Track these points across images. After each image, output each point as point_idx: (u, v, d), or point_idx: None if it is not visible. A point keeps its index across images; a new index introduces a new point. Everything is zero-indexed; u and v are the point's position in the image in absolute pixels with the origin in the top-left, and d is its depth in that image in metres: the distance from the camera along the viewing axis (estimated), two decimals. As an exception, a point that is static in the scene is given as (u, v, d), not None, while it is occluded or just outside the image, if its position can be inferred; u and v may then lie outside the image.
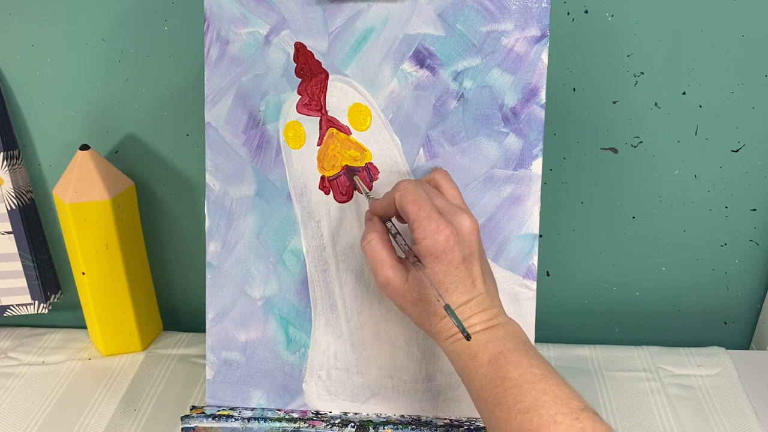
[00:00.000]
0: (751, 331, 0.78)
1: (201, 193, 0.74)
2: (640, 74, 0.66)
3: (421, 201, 0.49)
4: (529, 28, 0.55)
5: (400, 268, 0.51)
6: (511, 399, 0.44)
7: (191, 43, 0.67)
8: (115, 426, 0.66)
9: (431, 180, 0.55)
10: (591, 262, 0.75)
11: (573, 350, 0.74)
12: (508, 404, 0.44)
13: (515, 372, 0.45)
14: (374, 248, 0.51)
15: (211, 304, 0.61)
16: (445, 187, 0.54)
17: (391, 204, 0.52)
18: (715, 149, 0.69)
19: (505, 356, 0.46)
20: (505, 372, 0.46)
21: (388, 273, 0.51)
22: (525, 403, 0.43)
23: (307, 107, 0.58)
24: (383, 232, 0.52)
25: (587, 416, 0.42)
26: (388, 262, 0.51)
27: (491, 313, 0.49)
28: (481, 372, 0.47)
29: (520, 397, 0.44)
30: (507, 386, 0.45)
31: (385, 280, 0.51)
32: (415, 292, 0.50)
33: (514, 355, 0.46)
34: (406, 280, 0.51)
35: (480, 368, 0.47)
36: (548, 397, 0.43)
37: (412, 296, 0.50)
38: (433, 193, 0.52)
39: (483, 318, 0.49)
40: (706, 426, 0.64)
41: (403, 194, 0.50)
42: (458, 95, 0.57)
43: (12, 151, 0.72)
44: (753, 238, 0.73)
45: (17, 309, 0.78)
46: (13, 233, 0.74)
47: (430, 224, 0.48)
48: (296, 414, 0.61)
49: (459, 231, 0.49)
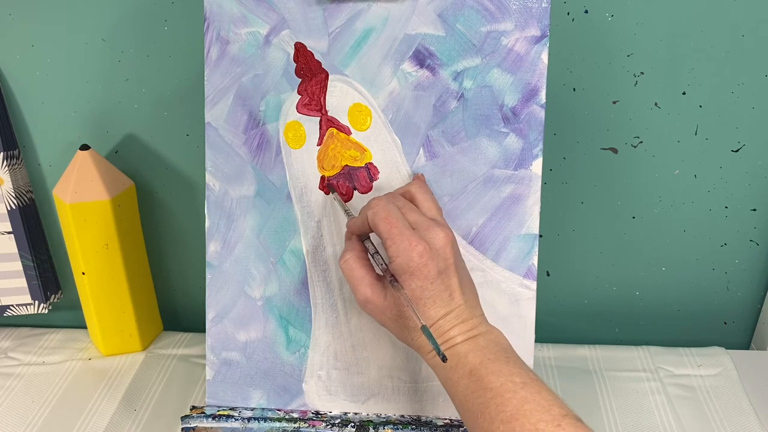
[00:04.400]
0: (751, 331, 0.78)
1: (201, 193, 0.74)
2: (640, 74, 0.66)
3: (392, 218, 0.49)
4: (529, 28, 0.55)
5: (378, 285, 0.51)
6: (493, 409, 0.44)
7: (191, 43, 0.67)
8: (115, 426, 0.66)
9: (406, 192, 0.54)
10: (591, 262, 0.75)
11: (573, 350, 0.74)
12: (490, 414, 0.44)
13: (496, 381, 0.45)
14: (352, 267, 0.52)
15: (211, 304, 0.61)
16: (419, 199, 0.54)
17: (365, 222, 0.52)
18: (715, 149, 0.69)
19: (486, 366, 0.46)
20: (486, 382, 0.46)
21: (366, 291, 0.51)
22: (507, 413, 0.43)
23: (307, 107, 0.58)
24: (361, 251, 0.53)
25: (569, 422, 0.42)
26: (366, 280, 0.51)
27: (471, 323, 0.49)
28: (463, 384, 0.47)
29: (502, 407, 0.44)
30: (488, 396, 0.45)
31: (364, 299, 0.51)
32: (395, 309, 0.50)
33: (494, 365, 0.46)
34: (385, 296, 0.51)
35: (462, 380, 0.47)
36: (530, 405, 0.43)
37: (392, 313, 0.51)
38: (406, 208, 0.52)
39: (463, 329, 0.49)
40: (706, 426, 0.64)
41: (375, 212, 0.50)
42: (458, 95, 0.57)
43: (12, 151, 0.72)
44: (753, 238, 0.73)
45: (17, 309, 0.78)
46: (13, 233, 0.74)
47: (402, 241, 0.48)
48: (296, 414, 0.61)
49: (432, 245, 0.49)
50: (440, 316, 0.49)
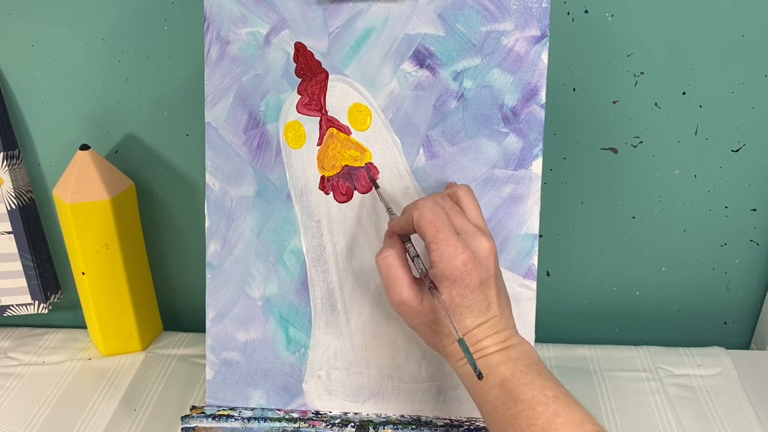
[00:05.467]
0: (751, 331, 0.78)
1: (201, 193, 0.74)
2: (640, 74, 0.66)
3: (438, 222, 0.48)
4: (529, 28, 0.55)
5: (415, 288, 0.50)
6: (524, 421, 0.44)
7: (191, 43, 0.67)
8: (115, 426, 0.66)
9: (453, 195, 0.53)
10: (591, 262, 0.75)
11: (573, 350, 0.74)
12: (521, 426, 0.44)
13: (528, 394, 0.45)
14: (390, 265, 0.50)
15: (211, 304, 0.61)
16: (465, 203, 0.52)
17: (409, 222, 0.50)
18: (715, 149, 0.69)
19: (518, 378, 0.46)
20: (517, 394, 0.45)
21: (403, 292, 0.50)
22: (538, 426, 0.43)
23: (307, 107, 0.58)
24: (401, 251, 0.51)
25: None
26: (404, 281, 0.50)
27: (505, 335, 0.49)
28: (494, 394, 0.46)
29: (533, 420, 0.44)
30: (520, 408, 0.45)
31: (399, 300, 0.50)
32: (430, 314, 0.49)
33: (527, 377, 0.46)
34: (421, 300, 0.50)
35: (492, 390, 0.47)
36: (561, 419, 0.43)
37: (426, 318, 0.50)
38: (453, 211, 0.50)
39: (496, 340, 0.48)
40: (706, 426, 0.64)
41: (421, 213, 0.49)
42: (458, 95, 0.57)
43: (12, 151, 0.72)
44: (753, 238, 0.73)
45: (17, 309, 0.78)
46: (13, 233, 0.74)
47: (447, 247, 0.47)
48: (296, 414, 0.61)
49: (477, 255, 0.48)
50: (476, 325, 0.48)
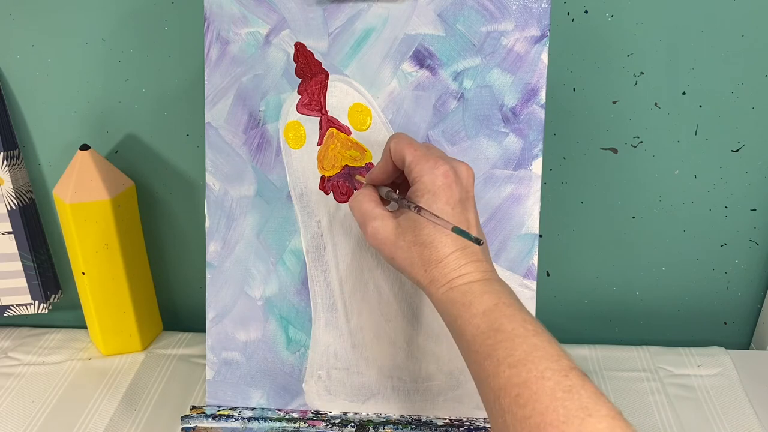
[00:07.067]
0: (751, 331, 0.78)
1: (201, 193, 0.74)
2: (640, 74, 0.66)
3: (416, 143, 0.50)
4: (529, 28, 0.55)
5: (387, 216, 0.51)
6: (501, 352, 0.43)
7: (191, 43, 0.67)
8: (115, 426, 0.66)
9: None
10: (591, 262, 0.75)
11: (573, 350, 0.74)
12: (498, 357, 0.43)
13: (509, 325, 0.44)
14: (360, 201, 0.52)
15: (211, 304, 0.61)
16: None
17: (387, 161, 0.51)
18: (715, 149, 0.69)
19: (500, 309, 0.45)
20: (498, 324, 0.44)
21: (375, 223, 0.50)
22: (515, 357, 0.42)
23: (307, 107, 0.58)
24: (372, 192, 0.53)
25: (576, 375, 0.42)
26: (375, 212, 0.51)
27: (486, 266, 0.48)
28: (475, 323, 0.45)
29: (511, 351, 0.43)
30: (499, 339, 0.44)
31: (373, 230, 0.50)
32: (409, 234, 0.49)
33: (509, 309, 0.45)
34: (396, 226, 0.50)
35: (474, 318, 0.45)
36: (539, 352, 0.42)
37: (405, 241, 0.49)
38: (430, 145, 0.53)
39: (479, 268, 0.47)
40: (706, 426, 0.64)
41: (397, 140, 0.50)
42: (458, 95, 0.57)
43: (12, 151, 0.72)
44: (753, 238, 0.73)
45: (17, 309, 0.78)
46: (13, 233, 0.74)
47: (428, 161, 0.48)
48: (296, 414, 0.61)
49: (457, 172, 0.49)
50: (457, 247, 0.48)
